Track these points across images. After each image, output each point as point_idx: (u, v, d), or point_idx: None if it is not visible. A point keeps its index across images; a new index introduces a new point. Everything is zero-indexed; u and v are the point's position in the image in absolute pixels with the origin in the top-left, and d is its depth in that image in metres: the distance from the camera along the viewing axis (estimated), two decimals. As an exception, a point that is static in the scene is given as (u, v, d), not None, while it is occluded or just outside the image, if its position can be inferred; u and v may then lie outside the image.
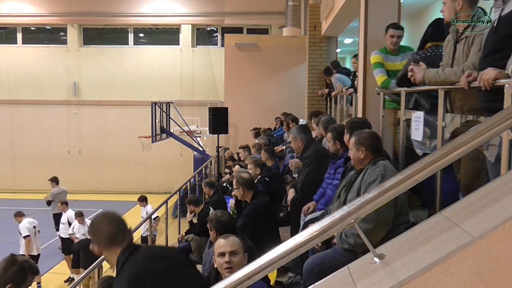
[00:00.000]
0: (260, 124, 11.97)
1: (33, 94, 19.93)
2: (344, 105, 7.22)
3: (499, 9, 2.52)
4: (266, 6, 18.61)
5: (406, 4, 8.08)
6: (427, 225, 1.69)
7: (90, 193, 19.18)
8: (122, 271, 2.26)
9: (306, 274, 3.13)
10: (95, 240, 2.39)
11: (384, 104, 4.49)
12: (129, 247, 2.34)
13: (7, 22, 20.03)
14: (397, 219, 3.03)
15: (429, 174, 1.60)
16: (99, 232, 2.39)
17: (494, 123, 1.56)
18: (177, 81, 19.93)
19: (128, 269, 2.24)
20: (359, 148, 3.22)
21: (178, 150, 17.74)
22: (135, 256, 2.29)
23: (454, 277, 1.37)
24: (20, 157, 20.08)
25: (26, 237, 9.39)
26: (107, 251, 2.36)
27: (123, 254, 2.30)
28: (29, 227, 9.50)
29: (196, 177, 10.74)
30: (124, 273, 2.24)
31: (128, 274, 2.21)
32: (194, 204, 6.73)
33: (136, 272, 2.22)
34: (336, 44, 11.20)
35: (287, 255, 1.59)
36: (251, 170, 6.16)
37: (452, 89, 3.00)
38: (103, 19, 19.93)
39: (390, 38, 4.54)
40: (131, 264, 2.25)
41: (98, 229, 2.40)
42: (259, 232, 4.56)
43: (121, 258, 2.29)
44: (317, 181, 4.75)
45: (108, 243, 2.35)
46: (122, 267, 2.26)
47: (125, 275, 2.22)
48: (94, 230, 2.41)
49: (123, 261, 2.27)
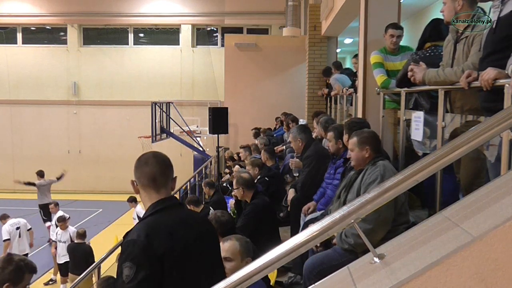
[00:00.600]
0: (260, 124, 11.98)
1: (33, 94, 19.94)
2: (344, 105, 7.22)
3: (498, 10, 2.52)
4: (266, 6, 18.62)
5: (406, 4, 8.08)
6: (427, 225, 1.69)
7: (90, 193, 19.19)
8: (148, 219, 2.15)
9: (306, 274, 3.13)
10: (136, 176, 2.23)
11: (384, 104, 4.49)
12: (166, 200, 2.22)
13: (7, 22, 20.03)
14: (397, 219, 3.03)
15: (429, 174, 1.60)
16: (143, 169, 2.23)
17: (494, 123, 1.56)
18: (177, 81, 19.93)
19: (153, 222, 2.13)
20: (363, 148, 3.22)
21: (178, 150, 17.72)
22: (167, 213, 2.18)
23: (454, 277, 1.37)
24: (20, 157, 20.08)
25: (5, 240, 9.21)
26: (144, 191, 2.22)
27: (158, 204, 2.18)
28: (11, 230, 9.30)
29: (196, 177, 10.74)
30: (149, 222, 2.13)
31: (151, 226, 2.10)
32: (194, 204, 6.73)
33: (159, 226, 2.11)
34: (336, 44, 11.20)
35: (287, 255, 1.59)
36: (250, 170, 6.17)
37: (452, 89, 3.00)
38: (103, 19, 19.93)
39: (390, 38, 4.55)
40: (159, 217, 2.14)
41: (145, 165, 2.24)
42: (259, 232, 4.56)
43: (154, 206, 2.18)
44: (317, 181, 4.76)
45: (147, 183, 2.21)
46: (150, 215, 2.16)
47: (150, 223, 2.12)
48: (140, 165, 2.24)
49: (152, 211, 2.17)
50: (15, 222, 9.53)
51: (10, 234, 9.30)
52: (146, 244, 2.01)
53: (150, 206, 2.19)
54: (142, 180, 2.22)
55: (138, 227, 2.11)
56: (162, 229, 2.10)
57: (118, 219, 15.66)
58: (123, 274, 1.98)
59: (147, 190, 2.21)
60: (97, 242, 12.86)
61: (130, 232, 2.12)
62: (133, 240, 2.04)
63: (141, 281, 1.96)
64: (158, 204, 2.19)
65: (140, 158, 2.28)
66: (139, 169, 2.23)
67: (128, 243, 2.04)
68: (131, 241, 2.04)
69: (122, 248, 2.08)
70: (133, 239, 2.04)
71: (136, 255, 1.99)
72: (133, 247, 2.02)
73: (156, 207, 2.17)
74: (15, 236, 9.38)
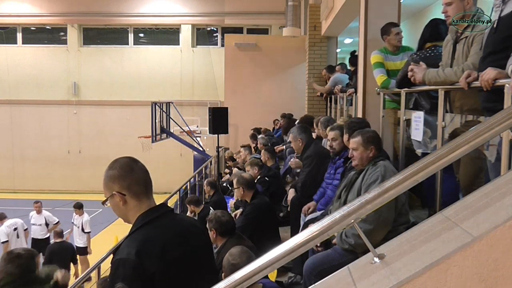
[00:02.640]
0: (260, 124, 11.98)
1: (33, 94, 19.93)
2: (344, 105, 7.22)
3: (499, 10, 2.52)
4: (266, 6, 18.61)
5: (406, 4, 8.08)
6: (427, 225, 1.69)
7: (90, 193, 19.17)
8: (138, 233, 1.97)
9: (306, 274, 3.13)
10: (125, 186, 2.00)
11: (384, 104, 4.49)
12: (159, 208, 2.05)
13: (7, 22, 20.03)
14: (397, 219, 3.03)
15: (429, 174, 1.60)
16: (132, 176, 2.02)
17: (494, 123, 1.56)
18: (177, 81, 19.93)
19: (144, 237, 1.95)
20: (368, 147, 3.22)
21: (178, 150, 17.73)
22: (159, 225, 2.00)
23: (454, 277, 1.37)
24: (20, 157, 20.08)
25: (4, 242, 9.15)
26: (135, 200, 2.01)
27: (148, 214, 2.00)
28: (8, 231, 9.24)
29: (196, 177, 10.74)
30: (138, 237, 1.95)
31: (142, 242, 1.93)
32: (194, 204, 6.73)
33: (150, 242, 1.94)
34: (336, 44, 11.20)
35: (287, 255, 1.59)
36: (249, 171, 6.17)
37: (452, 89, 3.00)
38: (103, 19, 19.93)
39: (396, 36, 4.56)
40: (151, 231, 1.97)
41: (131, 172, 2.03)
42: (259, 232, 4.57)
43: (144, 217, 1.99)
44: (317, 181, 4.76)
45: (140, 190, 2.02)
46: (142, 227, 1.98)
47: (140, 238, 1.94)
48: (125, 173, 2.02)
49: (142, 223, 1.98)
50: (12, 223, 9.46)
51: (8, 235, 9.22)
52: (137, 263, 1.87)
53: (139, 217, 2.00)
54: (134, 188, 2.01)
55: (128, 243, 1.95)
56: (154, 245, 1.93)
57: (118, 219, 15.56)
58: None
59: (140, 198, 2.03)
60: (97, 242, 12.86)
61: (119, 249, 1.97)
62: (123, 259, 1.90)
63: None
64: (148, 214, 2.01)
65: (119, 167, 2.04)
66: (127, 177, 2.02)
67: (118, 262, 1.92)
68: (121, 260, 1.91)
69: (113, 267, 1.95)
70: (123, 258, 1.90)
71: (127, 275, 1.87)
72: (123, 267, 1.89)
73: (146, 218, 2.00)
74: (13, 237, 9.29)
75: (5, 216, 9.70)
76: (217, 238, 3.99)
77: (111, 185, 2.03)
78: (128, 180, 2.02)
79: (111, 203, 2.06)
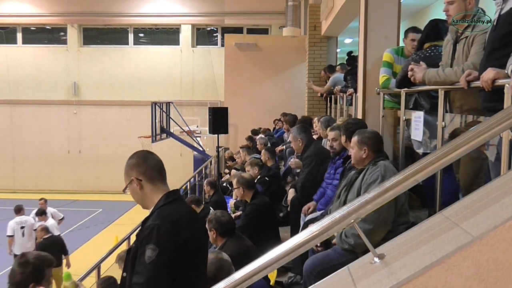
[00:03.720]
0: (260, 124, 11.98)
1: (33, 94, 19.92)
2: (344, 105, 7.22)
3: (499, 8, 2.53)
4: (266, 6, 18.59)
5: (406, 4, 8.09)
6: (427, 225, 1.69)
7: (90, 193, 19.18)
8: (165, 207, 2.16)
9: (306, 274, 3.13)
10: (141, 171, 2.22)
11: (384, 104, 4.48)
12: (174, 192, 2.27)
13: (7, 22, 20.01)
14: (397, 219, 3.03)
15: (429, 174, 1.60)
16: (147, 163, 2.24)
17: (494, 123, 1.56)
18: (177, 81, 19.92)
19: (173, 210, 2.16)
20: (362, 148, 3.23)
21: (178, 150, 17.71)
22: (179, 204, 2.25)
23: (454, 277, 1.37)
24: (20, 157, 20.07)
25: (8, 236, 9.13)
26: (151, 184, 2.21)
27: (170, 195, 2.22)
28: (15, 227, 9.16)
29: (196, 177, 10.74)
30: (169, 210, 2.15)
31: (173, 214, 2.14)
32: (195, 204, 6.71)
33: (179, 214, 2.17)
34: (336, 44, 11.20)
35: (287, 255, 1.59)
36: (249, 171, 6.17)
37: (452, 89, 3.00)
38: (103, 19, 19.92)
39: (411, 42, 4.36)
40: (176, 207, 2.20)
41: (146, 160, 2.25)
42: (259, 232, 4.57)
43: (167, 197, 2.20)
44: (317, 181, 4.76)
45: (155, 175, 2.22)
46: (166, 204, 2.17)
47: (170, 211, 2.15)
48: (140, 161, 2.24)
49: (166, 202, 2.18)
50: (22, 220, 9.34)
51: (14, 231, 9.17)
52: (172, 230, 2.06)
53: (163, 196, 2.21)
54: (149, 173, 2.22)
55: (159, 214, 2.14)
56: (181, 218, 2.16)
57: (118, 219, 15.67)
58: (145, 255, 2.02)
59: (155, 182, 2.23)
60: (97, 242, 12.87)
61: (150, 218, 2.15)
62: (158, 224, 2.07)
63: (161, 266, 2.01)
64: (172, 194, 2.24)
65: (137, 157, 2.28)
66: (142, 164, 2.24)
67: (152, 226, 2.07)
68: (156, 225, 2.07)
69: (145, 231, 2.09)
70: (158, 224, 2.07)
71: (161, 239, 2.03)
72: (158, 231, 2.05)
73: (169, 197, 2.21)
74: (18, 234, 9.21)
75: (21, 209, 9.55)
76: (217, 238, 3.98)
77: (129, 172, 2.26)
78: (144, 166, 2.23)
79: (130, 190, 2.26)
